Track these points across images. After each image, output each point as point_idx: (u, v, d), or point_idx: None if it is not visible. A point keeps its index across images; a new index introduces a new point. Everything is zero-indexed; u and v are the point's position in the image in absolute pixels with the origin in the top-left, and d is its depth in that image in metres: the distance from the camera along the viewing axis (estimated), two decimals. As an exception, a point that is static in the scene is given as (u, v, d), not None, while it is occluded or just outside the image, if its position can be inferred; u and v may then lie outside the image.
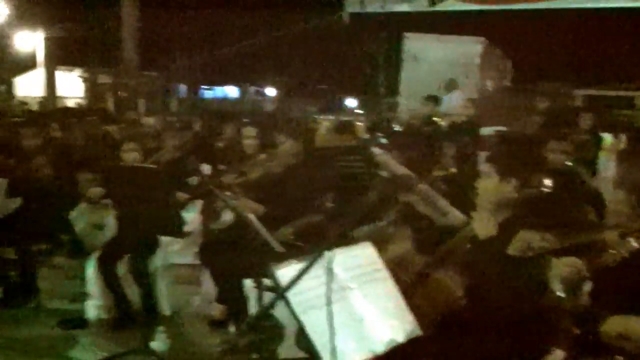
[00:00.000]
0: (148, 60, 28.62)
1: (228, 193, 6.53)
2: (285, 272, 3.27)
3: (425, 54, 18.92)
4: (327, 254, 3.32)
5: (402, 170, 5.71)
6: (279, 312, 4.51)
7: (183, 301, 7.68)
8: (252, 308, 6.37)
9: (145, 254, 6.99)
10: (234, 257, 6.55)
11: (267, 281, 5.40)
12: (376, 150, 6.28)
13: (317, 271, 3.31)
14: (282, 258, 3.37)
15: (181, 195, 7.52)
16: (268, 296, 5.41)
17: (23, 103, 30.27)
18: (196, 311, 7.53)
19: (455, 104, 14.99)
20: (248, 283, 6.40)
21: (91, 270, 7.18)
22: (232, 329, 6.78)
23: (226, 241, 6.87)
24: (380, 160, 6.14)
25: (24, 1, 32.43)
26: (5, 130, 10.78)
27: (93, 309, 7.21)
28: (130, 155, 7.31)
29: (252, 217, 5.61)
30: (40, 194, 8.04)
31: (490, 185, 4.42)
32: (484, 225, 4.41)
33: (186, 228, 7.23)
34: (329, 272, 3.32)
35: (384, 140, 11.49)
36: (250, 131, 8.34)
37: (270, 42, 31.26)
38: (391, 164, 5.92)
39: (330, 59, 36.19)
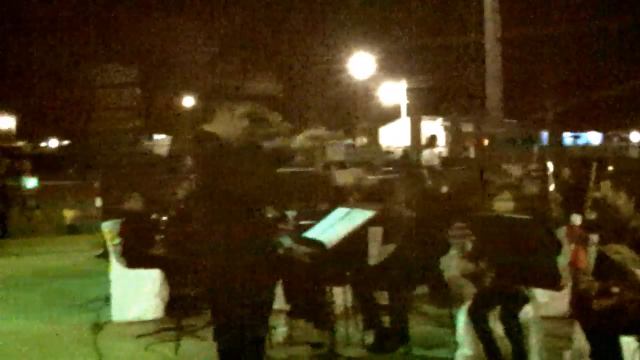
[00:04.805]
0: (511, 107, 28.67)
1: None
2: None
3: None
4: None
5: None
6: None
7: (553, 355, 7.49)
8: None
9: (517, 305, 6.91)
10: (606, 311, 6.28)
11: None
12: None
13: None
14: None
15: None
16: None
17: (388, 152, 31.52)
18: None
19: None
20: (626, 340, 6.11)
21: (462, 319, 7.23)
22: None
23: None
24: None
25: (388, 55, 33.90)
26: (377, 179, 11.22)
27: (463, 358, 7.24)
28: (505, 205, 7.28)
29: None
30: (411, 240, 8.28)
31: None
32: None
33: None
34: None
35: None
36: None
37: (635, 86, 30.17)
38: None
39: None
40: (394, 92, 39.15)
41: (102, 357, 7.92)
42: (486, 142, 23.47)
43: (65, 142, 56.80)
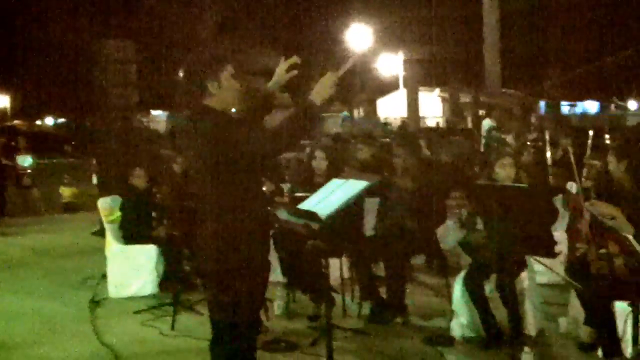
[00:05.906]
0: (509, 78, 28.61)
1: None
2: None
3: None
4: None
5: None
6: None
7: (549, 322, 7.51)
8: (622, 332, 6.12)
9: (513, 273, 6.90)
10: (600, 277, 6.27)
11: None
12: None
13: None
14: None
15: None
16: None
17: (386, 124, 31.45)
18: (563, 333, 7.34)
19: None
20: (619, 306, 6.14)
21: (458, 288, 7.24)
22: (599, 353, 6.53)
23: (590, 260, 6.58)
24: None
25: (385, 27, 33.82)
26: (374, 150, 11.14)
27: (459, 327, 7.27)
28: (506, 171, 7.19)
29: (630, 238, 5.33)
30: (408, 210, 8.28)
31: None
32: None
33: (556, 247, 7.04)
34: None
35: None
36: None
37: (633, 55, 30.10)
38: None
39: None
40: (391, 64, 39.07)
41: (100, 334, 7.92)
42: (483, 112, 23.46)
43: (61, 120, 56.76)
